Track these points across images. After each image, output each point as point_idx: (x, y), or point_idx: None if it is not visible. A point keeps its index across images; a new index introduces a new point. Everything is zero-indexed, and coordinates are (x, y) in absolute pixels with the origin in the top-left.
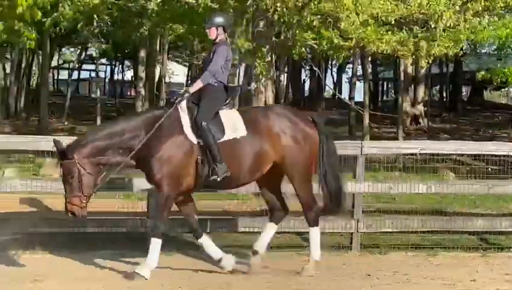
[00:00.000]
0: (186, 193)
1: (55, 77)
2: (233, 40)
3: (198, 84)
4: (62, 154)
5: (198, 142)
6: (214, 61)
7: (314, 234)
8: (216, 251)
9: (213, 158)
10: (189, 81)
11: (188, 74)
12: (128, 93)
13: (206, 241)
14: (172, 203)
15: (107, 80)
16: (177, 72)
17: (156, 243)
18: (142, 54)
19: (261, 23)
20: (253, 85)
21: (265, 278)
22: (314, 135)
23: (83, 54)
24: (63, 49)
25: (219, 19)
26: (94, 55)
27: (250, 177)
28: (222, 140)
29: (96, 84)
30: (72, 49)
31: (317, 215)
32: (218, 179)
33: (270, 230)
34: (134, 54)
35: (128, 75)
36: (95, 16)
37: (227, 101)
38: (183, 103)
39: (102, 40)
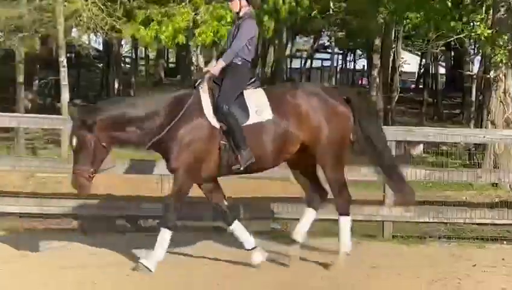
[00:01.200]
0: (211, 180)
1: (288, 66)
2: (472, 27)
3: (220, 64)
4: (81, 122)
5: (220, 127)
6: (237, 38)
7: (343, 223)
8: (248, 240)
9: (236, 144)
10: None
11: (420, 63)
12: (359, 82)
13: (237, 228)
14: (187, 192)
15: (338, 69)
16: (408, 62)
17: (165, 234)
18: (377, 42)
19: (502, 10)
20: (492, 73)
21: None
22: (346, 113)
23: (316, 43)
24: (297, 38)
25: None
26: (326, 44)
27: (275, 161)
28: (246, 124)
29: (328, 73)
30: (305, 39)
31: (348, 203)
32: (241, 168)
33: (308, 216)
34: (366, 43)
35: (360, 64)
36: (331, 4)
37: (252, 80)
38: (205, 84)
39: (336, 29)
